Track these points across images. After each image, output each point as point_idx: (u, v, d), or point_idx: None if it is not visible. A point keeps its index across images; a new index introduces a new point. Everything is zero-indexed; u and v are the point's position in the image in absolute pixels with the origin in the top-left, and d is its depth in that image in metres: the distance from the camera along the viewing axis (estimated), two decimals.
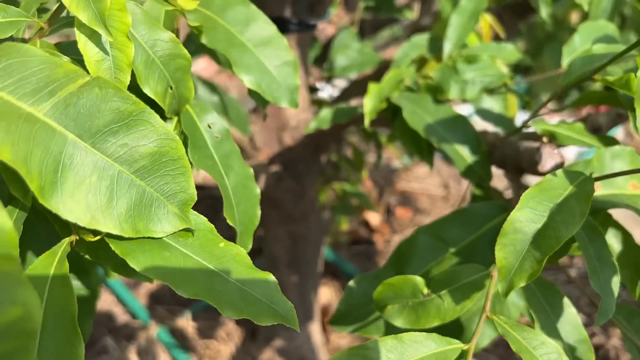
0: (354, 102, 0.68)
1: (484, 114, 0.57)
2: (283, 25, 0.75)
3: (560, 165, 0.43)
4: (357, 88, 0.91)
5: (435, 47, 0.68)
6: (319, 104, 1.05)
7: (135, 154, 0.24)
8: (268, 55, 0.41)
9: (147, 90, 0.32)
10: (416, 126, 0.52)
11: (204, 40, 0.39)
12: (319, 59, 1.05)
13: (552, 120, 0.48)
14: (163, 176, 0.25)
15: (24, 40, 0.33)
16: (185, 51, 0.34)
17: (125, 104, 0.24)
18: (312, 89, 1.00)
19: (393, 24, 0.98)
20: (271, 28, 0.41)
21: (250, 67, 0.40)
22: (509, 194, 0.54)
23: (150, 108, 0.25)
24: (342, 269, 1.35)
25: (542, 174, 0.44)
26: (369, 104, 0.55)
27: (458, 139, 0.53)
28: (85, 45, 0.28)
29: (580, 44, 0.55)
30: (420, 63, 0.68)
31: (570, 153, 2.07)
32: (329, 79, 0.93)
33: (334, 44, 0.86)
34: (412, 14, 0.89)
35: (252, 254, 0.33)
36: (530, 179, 0.47)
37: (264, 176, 0.88)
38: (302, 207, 0.96)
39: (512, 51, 0.62)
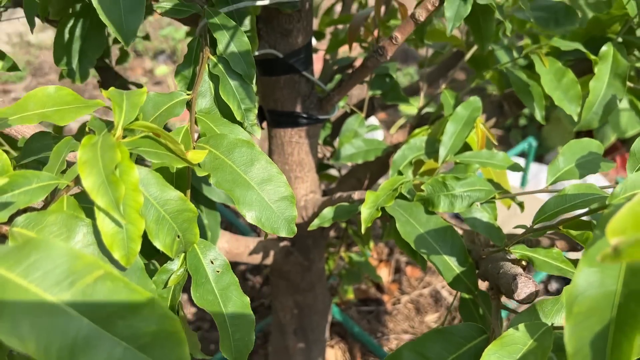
0: (356, 196, 0.73)
1: (473, 222, 0.60)
2: (295, 120, 0.80)
3: (534, 294, 0.47)
4: (362, 168, 0.96)
5: (432, 149, 0.72)
6: (327, 178, 1.10)
7: (139, 332, 0.29)
8: (268, 192, 0.45)
9: (157, 244, 0.37)
10: (408, 238, 0.56)
11: (212, 180, 0.44)
12: (331, 135, 1.11)
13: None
14: (162, 348, 0.29)
15: (52, 195, 0.39)
16: (192, 205, 0.39)
17: (133, 295, 0.29)
18: (322, 166, 1.05)
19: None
20: (271, 167, 0.46)
21: (252, 203, 0.45)
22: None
23: (154, 296, 0.29)
24: (350, 329, 1.37)
25: (518, 301, 0.47)
26: (365, 212, 0.59)
27: (447, 251, 0.56)
28: (102, 221, 0.33)
29: (564, 164, 0.58)
30: (417, 165, 0.72)
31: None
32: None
33: (342, 129, 0.91)
34: (417, 103, 0.94)
35: (260, 312, 0.37)
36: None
37: (274, 251, 0.93)
38: (309, 279, 1.00)
39: (503, 158, 0.66)
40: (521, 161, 2.21)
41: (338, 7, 1.56)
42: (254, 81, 0.55)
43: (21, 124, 0.39)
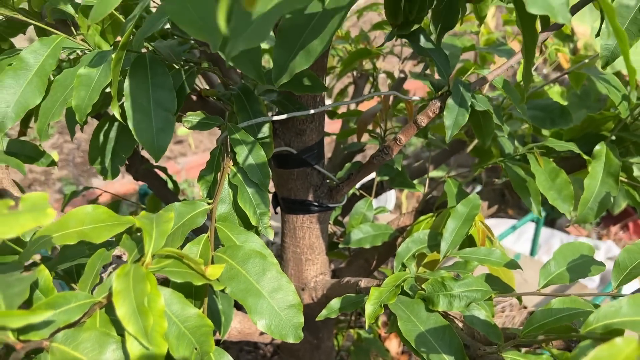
0: (363, 283, 0.77)
1: (472, 319, 0.64)
2: (307, 207, 0.86)
3: None
4: (370, 249, 1.00)
5: (434, 242, 0.77)
6: (337, 256, 1.14)
7: None
8: (278, 300, 0.50)
9: (176, 356, 0.42)
10: (409, 336, 0.60)
11: (227, 290, 0.49)
12: (341, 214, 1.16)
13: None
14: None
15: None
16: (209, 321, 0.44)
17: None
18: (333, 244, 1.10)
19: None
20: (281, 277, 0.51)
21: (263, 312, 0.49)
22: None
23: None
24: None
25: None
26: (369, 309, 0.63)
27: (445, 349, 0.60)
28: (131, 344, 0.38)
29: (555, 268, 0.62)
30: (421, 257, 0.77)
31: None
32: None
33: (351, 213, 0.96)
34: (422, 189, 0.99)
35: None
36: None
37: None
38: (318, 357, 1.03)
39: (500, 256, 0.70)
40: (532, 227, 2.23)
41: (351, 88, 1.65)
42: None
43: (62, 242, 0.45)
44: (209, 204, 0.57)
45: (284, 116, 0.67)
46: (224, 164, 0.61)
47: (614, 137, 0.85)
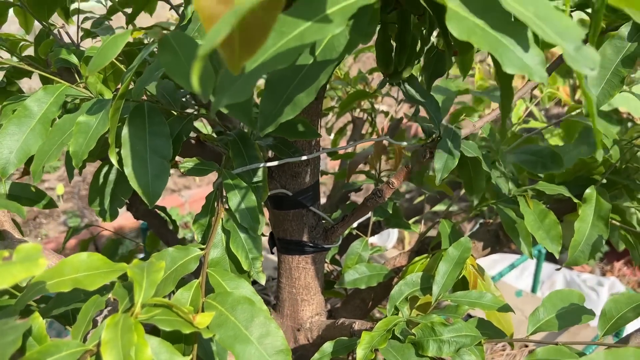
0: (357, 326, 0.77)
1: None
2: (302, 248, 0.87)
3: None
4: (366, 289, 1.01)
5: (427, 285, 0.77)
6: (334, 294, 1.15)
7: None
8: (266, 346, 0.51)
9: None
10: None
11: (216, 337, 0.50)
12: (338, 253, 1.16)
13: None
14: None
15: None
16: None
17: None
18: (329, 283, 1.10)
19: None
20: (270, 323, 0.52)
21: (251, 358, 0.50)
22: None
23: None
24: None
25: None
26: (360, 353, 0.64)
27: None
28: None
29: (544, 315, 0.63)
30: (413, 300, 0.77)
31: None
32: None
33: (347, 253, 0.97)
34: (418, 228, 1.00)
35: None
36: None
37: None
38: None
39: (492, 300, 0.71)
40: (533, 263, 2.22)
41: (350, 126, 1.67)
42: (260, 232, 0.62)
43: (57, 290, 0.46)
44: (201, 249, 0.58)
45: (276, 163, 0.69)
46: (219, 209, 0.63)
47: (604, 181, 0.87)
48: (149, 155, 0.58)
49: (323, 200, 2.07)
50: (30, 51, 1.03)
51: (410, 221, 1.04)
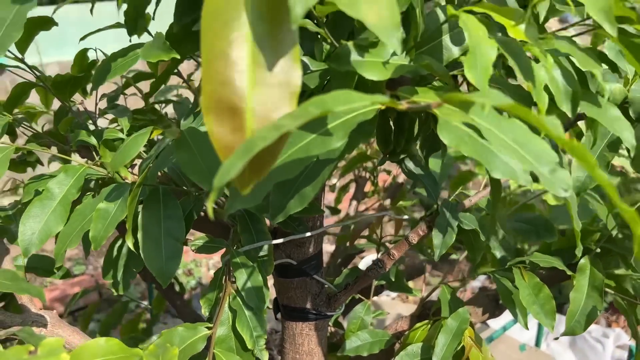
0: None
1: None
2: (306, 315, 0.89)
3: None
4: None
5: (427, 355, 0.79)
6: (337, 358, 1.16)
7: None
8: None
9: None
10: None
11: None
12: (342, 314, 1.18)
13: None
14: None
15: None
16: None
17: None
18: (332, 346, 1.12)
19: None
20: None
21: None
22: None
23: None
24: None
25: None
26: None
27: None
28: None
29: None
30: None
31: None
32: None
33: (349, 317, 1.00)
34: (419, 293, 1.03)
35: None
36: None
37: None
38: None
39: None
40: None
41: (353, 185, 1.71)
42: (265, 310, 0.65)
43: None
44: (208, 328, 0.61)
45: (282, 240, 0.73)
46: (226, 286, 0.66)
47: (599, 250, 0.90)
48: (164, 238, 0.62)
49: (326, 258, 2.09)
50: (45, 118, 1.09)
51: (411, 283, 1.06)
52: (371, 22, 0.32)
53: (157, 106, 1.04)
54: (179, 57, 0.61)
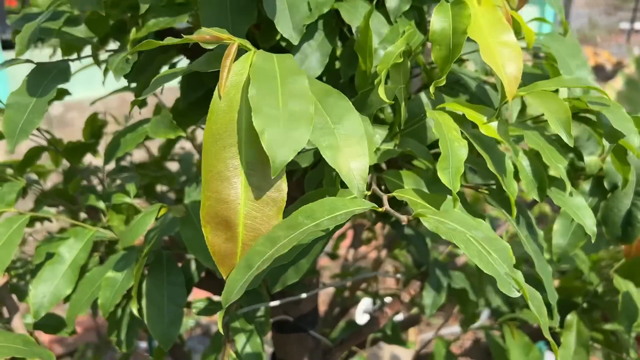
0: None
1: None
2: None
3: None
4: None
5: None
6: None
7: None
8: None
9: None
10: None
11: None
12: None
13: None
14: None
15: None
16: None
17: None
18: None
19: None
20: None
21: None
22: None
23: None
24: None
25: None
26: None
27: None
28: None
29: None
30: None
31: None
32: None
33: None
34: (414, 346, 1.06)
35: None
36: None
37: None
38: None
39: None
40: None
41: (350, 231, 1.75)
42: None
43: None
44: None
45: (278, 302, 0.76)
46: (225, 348, 0.69)
47: (585, 305, 0.93)
48: (167, 305, 0.66)
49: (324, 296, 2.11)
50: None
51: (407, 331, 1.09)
52: (343, 173, 0.40)
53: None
54: (184, 134, 0.66)
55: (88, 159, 1.00)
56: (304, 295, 0.79)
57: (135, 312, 0.64)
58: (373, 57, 0.56)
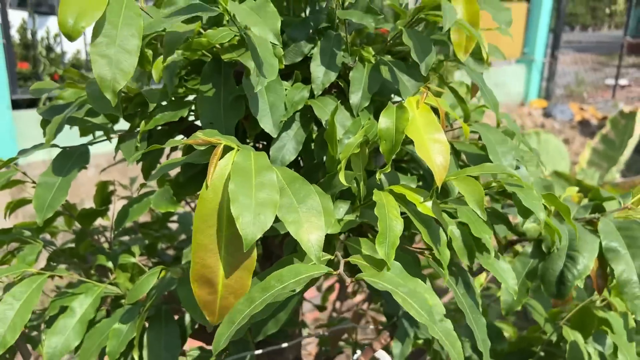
0: None
1: None
2: None
3: None
4: None
5: None
6: None
7: None
8: None
9: None
10: None
11: None
12: None
13: None
14: None
15: None
16: None
17: None
18: None
19: None
20: None
21: None
22: None
23: None
24: None
25: None
26: None
27: None
28: None
29: None
30: None
31: None
32: None
33: None
34: None
35: None
36: None
37: None
38: None
39: None
40: None
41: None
42: None
43: None
44: None
45: (261, 351, 0.86)
46: None
47: (542, 353, 1.03)
48: (164, 353, 0.76)
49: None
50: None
51: None
52: (304, 242, 0.51)
53: None
54: (181, 208, 0.78)
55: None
56: (285, 345, 0.89)
57: (136, 358, 0.74)
58: (338, 146, 0.69)
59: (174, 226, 1.35)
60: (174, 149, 0.76)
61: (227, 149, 0.57)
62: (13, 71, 3.48)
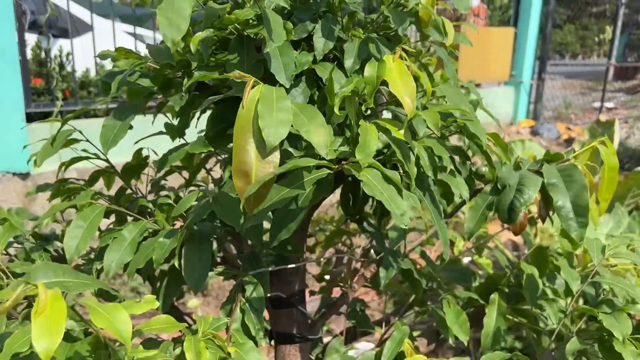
0: None
1: None
2: (292, 338, 1.20)
3: None
4: None
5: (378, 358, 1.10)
6: None
7: None
8: None
9: None
10: None
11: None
12: (321, 353, 1.47)
13: None
14: None
15: None
16: None
17: None
18: None
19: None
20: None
21: None
22: None
23: None
24: None
25: None
26: None
27: None
28: None
29: None
30: None
31: None
32: None
33: (327, 348, 1.30)
34: (380, 329, 1.34)
35: None
36: None
37: None
38: None
39: None
40: None
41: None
42: (264, 312, 0.98)
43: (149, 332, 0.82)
44: (227, 320, 0.94)
45: (272, 268, 1.07)
46: (238, 297, 0.99)
47: (506, 289, 1.23)
48: (197, 261, 0.96)
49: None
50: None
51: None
52: (315, 142, 0.72)
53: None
54: (213, 149, 1.00)
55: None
56: (291, 266, 1.09)
57: (176, 264, 0.95)
58: (335, 97, 0.91)
59: None
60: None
61: (254, 85, 0.79)
62: (27, 86, 3.72)
